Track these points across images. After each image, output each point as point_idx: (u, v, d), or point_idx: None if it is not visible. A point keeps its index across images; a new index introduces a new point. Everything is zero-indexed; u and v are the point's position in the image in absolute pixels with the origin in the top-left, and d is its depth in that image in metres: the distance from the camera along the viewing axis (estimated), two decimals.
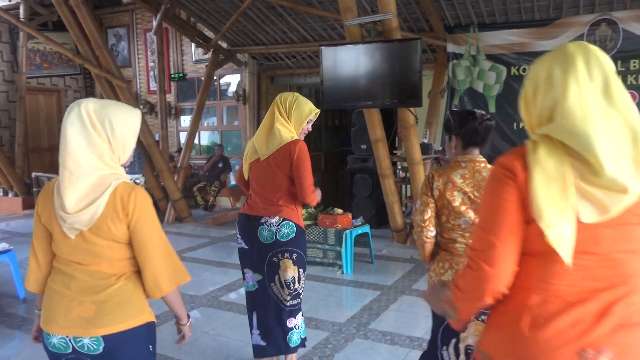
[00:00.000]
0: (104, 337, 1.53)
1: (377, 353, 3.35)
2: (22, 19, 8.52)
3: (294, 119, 2.78)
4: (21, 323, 3.98)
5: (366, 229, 5.44)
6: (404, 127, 5.67)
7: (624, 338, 1.09)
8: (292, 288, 2.81)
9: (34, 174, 8.58)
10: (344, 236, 5.10)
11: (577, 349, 1.09)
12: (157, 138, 8.23)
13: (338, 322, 3.88)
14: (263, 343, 2.91)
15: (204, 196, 8.98)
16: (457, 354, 2.18)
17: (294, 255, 2.79)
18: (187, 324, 1.78)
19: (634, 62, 5.60)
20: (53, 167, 10.20)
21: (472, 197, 2.07)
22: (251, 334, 2.97)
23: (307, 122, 2.83)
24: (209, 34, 8.56)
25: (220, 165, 9.05)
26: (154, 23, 7.91)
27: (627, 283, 1.13)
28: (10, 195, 9.41)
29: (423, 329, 3.71)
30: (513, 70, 6.28)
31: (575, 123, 1.08)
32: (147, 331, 1.65)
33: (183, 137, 9.71)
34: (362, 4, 6.06)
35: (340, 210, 5.37)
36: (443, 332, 2.24)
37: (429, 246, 2.20)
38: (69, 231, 1.53)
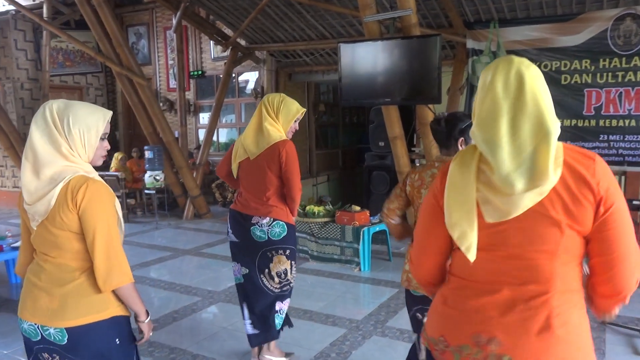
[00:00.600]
0: (67, 329, 1.60)
1: (395, 350, 3.35)
2: (45, 18, 8.68)
3: (282, 118, 2.88)
4: None
5: (384, 226, 5.42)
6: (423, 124, 5.63)
7: (517, 333, 1.17)
8: (283, 278, 2.98)
9: None
10: (361, 233, 5.09)
11: (473, 332, 1.21)
12: (176, 135, 8.33)
13: (355, 319, 3.89)
14: (256, 331, 3.03)
15: (222, 192, 9.06)
16: (420, 349, 2.25)
17: (287, 252, 2.96)
18: (145, 321, 1.76)
19: None
20: None
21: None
22: (244, 324, 3.07)
23: (295, 122, 2.95)
24: (228, 31, 8.61)
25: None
26: (174, 21, 7.99)
27: (540, 283, 1.18)
28: None
29: None
30: None
31: (483, 129, 1.19)
32: (113, 325, 1.67)
33: (202, 134, 9.79)
34: (381, 1, 6.03)
35: (357, 208, 5.37)
36: (412, 326, 2.40)
37: (393, 229, 2.42)
38: (32, 222, 1.63)
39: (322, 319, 3.90)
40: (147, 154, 7.60)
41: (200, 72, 9.61)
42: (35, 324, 1.63)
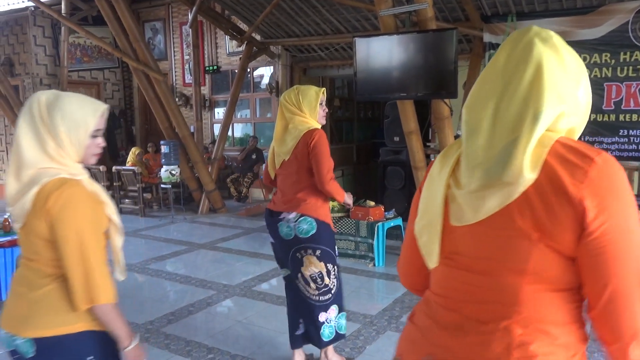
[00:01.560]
0: (35, 339, 1.44)
1: None
2: (63, 14, 8.78)
3: (306, 108, 2.75)
4: None
5: (398, 221, 5.40)
6: (438, 118, 5.58)
7: (470, 356, 0.96)
8: (320, 283, 2.76)
9: None
10: (376, 229, 5.08)
11: (426, 353, 1.03)
12: (192, 130, 8.38)
13: (370, 314, 3.89)
14: (302, 330, 2.91)
15: (237, 187, 9.11)
16: None
17: (318, 252, 2.73)
18: (129, 348, 1.50)
19: None
20: None
21: None
22: (299, 323, 2.92)
23: (320, 105, 2.78)
24: (243, 26, 8.63)
25: (254, 156, 9.14)
26: (190, 16, 8.03)
27: (503, 304, 0.94)
28: None
29: None
30: None
31: (468, 110, 1.00)
32: (85, 340, 1.49)
33: (217, 129, 9.85)
34: None
35: (372, 203, 5.35)
36: None
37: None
38: (15, 224, 1.51)
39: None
40: (163, 149, 7.67)
41: (215, 67, 9.65)
42: (9, 333, 1.48)
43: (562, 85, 0.92)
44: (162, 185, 8.03)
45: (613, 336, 0.92)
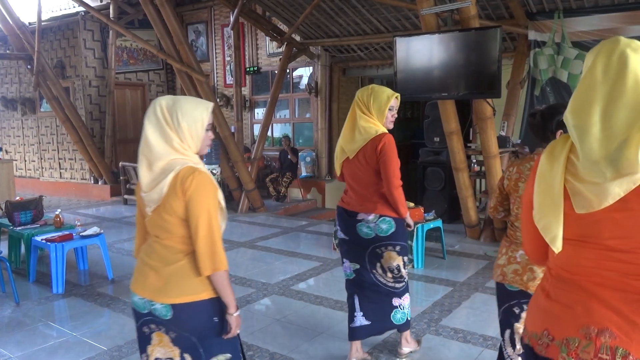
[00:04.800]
0: (172, 305, 1.73)
1: (449, 350, 3.29)
2: (111, 18, 9.11)
3: (375, 111, 2.79)
4: (110, 301, 4.29)
5: (438, 223, 5.32)
6: (481, 119, 5.47)
7: (631, 324, 1.10)
8: (396, 273, 2.93)
9: (121, 164, 9.18)
10: (415, 230, 5.02)
11: (581, 325, 1.15)
12: (232, 130, 8.52)
13: None
14: (367, 322, 2.99)
15: (275, 187, 9.20)
16: (513, 344, 2.27)
17: (397, 248, 2.90)
18: (234, 315, 1.78)
19: None
20: (137, 157, 10.82)
21: None
22: (353, 316, 3.01)
23: (389, 110, 2.82)
24: (283, 27, 8.70)
25: (289, 156, 9.20)
26: (231, 18, 8.17)
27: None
28: (100, 183, 10.13)
29: (497, 328, 3.58)
30: None
31: (575, 115, 1.13)
32: (211, 305, 1.76)
33: (257, 129, 9.97)
34: None
35: (411, 204, 5.29)
36: (500, 324, 2.35)
37: (499, 224, 2.31)
38: (148, 208, 1.77)
39: None
40: None
41: (255, 68, 9.78)
42: (144, 298, 1.78)
43: None
44: None
45: None
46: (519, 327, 2.22)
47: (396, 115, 2.91)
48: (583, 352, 1.14)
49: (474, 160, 6.72)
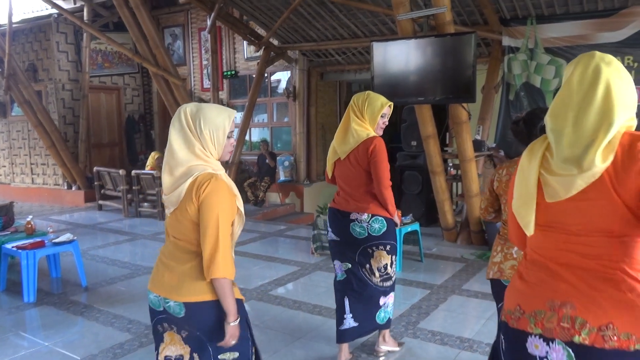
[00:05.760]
0: (184, 303, 1.79)
1: (426, 352, 3.31)
2: (85, 21, 8.96)
3: (367, 116, 2.92)
4: (83, 310, 4.20)
5: (415, 226, 5.37)
6: (456, 123, 5.54)
7: (589, 297, 1.27)
8: (383, 272, 3.01)
9: (95, 169, 9.02)
10: None
11: (547, 299, 1.32)
12: None
13: None
14: (355, 324, 3.06)
15: (254, 192, 9.14)
16: None
17: (388, 247, 3.00)
18: (232, 324, 1.78)
19: None
20: (112, 161, 10.68)
21: None
22: (343, 319, 3.07)
23: (382, 117, 2.95)
24: (261, 31, 8.69)
25: (267, 161, 9.17)
26: (208, 22, 8.13)
27: (603, 258, 1.27)
28: (73, 188, 9.93)
29: (474, 330, 3.63)
30: None
31: (553, 119, 1.32)
32: (221, 306, 1.80)
33: (235, 133, 9.89)
34: None
35: None
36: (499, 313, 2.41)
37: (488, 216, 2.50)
38: (167, 210, 1.87)
39: None
40: None
41: (233, 72, 9.74)
42: (159, 296, 1.85)
43: (625, 97, 1.26)
44: None
45: None
46: None
47: (387, 123, 3.03)
48: (548, 322, 1.30)
49: (451, 164, 6.80)
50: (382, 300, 3.07)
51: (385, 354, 3.23)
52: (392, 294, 3.12)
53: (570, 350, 1.27)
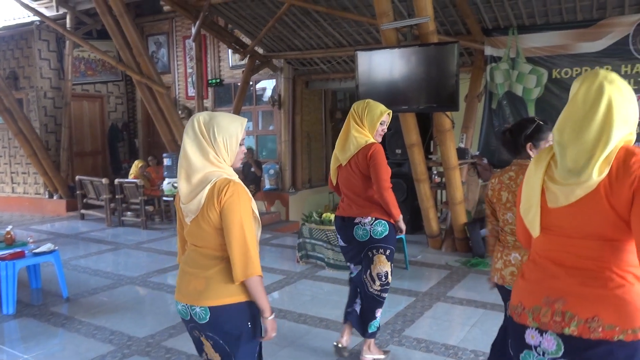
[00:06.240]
0: (210, 307, 1.83)
1: None
2: (68, 28, 8.88)
3: (367, 123, 3.03)
4: (64, 321, 4.12)
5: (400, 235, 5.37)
6: (440, 131, 5.59)
7: (578, 293, 1.41)
8: (384, 281, 3.07)
9: (77, 178, 8.89)
10: None
11: (543, 295, 1.48)
12: None
13: None
14: (358, 311, 3.22)
15: None
16: None
17: (387, 252, 3.07)
18: (269, 318, 1.88)
19: None
20: (95, 170, 10.56)
21: (515, 195, 2.32)
22: (353, 302, 3.26)
23: (381, 124, 3.06)
24: (246, 40, 8.70)
25: (252, 169, 9.15)
26: (193, 30, 8.11)
27: (595, 259, 1.41)
28: (55, 197, 9.78)
29: (459, 337, 3.64)
30: (554, 73, 6.11)
31: (559, 133, 1.45)
32: (248, 308, 1.87)
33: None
34: (398, 8, 6.03)
35: None
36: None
37: (490, 240, 2.55)
38: (186, 218, 1.89)
39: (338, 327, 3.86)
40: (166, 162, 7.68)
41: (218, 80, 9.72)
42: (186, 304, 1.89)
43: (625, 112, 1.38)
44: (165, 198, 8.04)
45: None
46: None
47: (386, 130, 3.15)
48: (543, 316, 1.46)
49: (435, 172, 6.85)
50: (378, 313, 3.15)
51: None
52: (382, 307, 3.19)
53: (560, 340, 1.43)
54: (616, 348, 1.35)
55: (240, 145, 1.91)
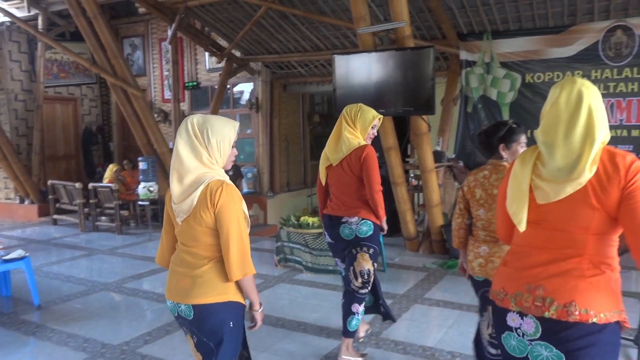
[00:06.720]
0: (193, 306, 1.91)
1: None
2: (40, 30, 8.69)
3: (359, 126, 3.16)
4: (35, 329, 4.02)
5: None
6: (417, 134, 5.64)
7: (557, 281, 1.55)
8: (365, 278, 3.18)
9: (49, 182, 8.69)
10: None
11: (525, 282, 1.62)
12: (171, 146, 8.31)
13: None
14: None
15: None
16: (488, 325, 2.59)
17: (371, 250, 3.18)
18: (259, 311, 2.03)
19: None
20: (68, 174, 10.34)
21: (487, 192, 2.49)
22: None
23: (372, 128, 3.20)
24: (223, 43, 8.64)
25: (231, 173, 9.07)
26: (169, 33, 8.02)
27: (576, 248, 1.55)
28: (26, 202, 9.54)
29: (436, 338, 3.67)
30: (527, 78, 6.23)
31: (545, 134, 1.59)
32: (230, 308, 1.94)
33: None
34: (375, 13, 6.07)
35: None
36: (479, 308, 2.69)
37: (460, 232, 2.68)
38: (177, 218, 1.94)
39: (317, 331, 3.87)
40: (141, 165, 7.57)
41: (195, 83, 9.63)
42: (174, 302, 1.97)
43: (603, 114, 1.55)
44: (140, 202, 7.91)
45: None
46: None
47: (376, 134, 3.29)
48: (525, 302, 1.60)
49: (412, 175, 6.91)
50: (354, 307, 3.22)
51: None
52: (363, 304, 3.26)
53: (539, 323, 1.57)
54: (590, 329, 1.50)
55: (232, 147, 1.96)
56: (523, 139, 2.49)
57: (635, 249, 1.50)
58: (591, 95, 1.55)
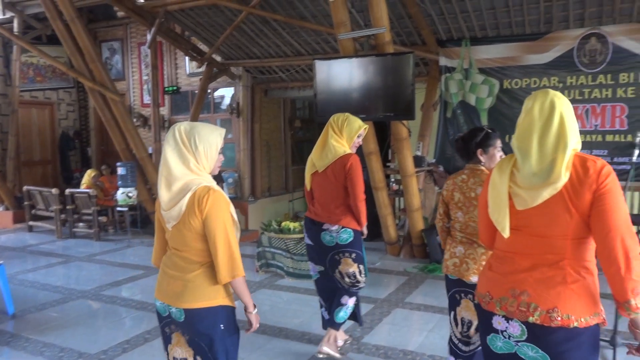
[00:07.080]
0: (184, 309, 1.95)
1: None
2: (15, 33, 8.53)
3: (345, 135, 3.23)
4: (10, 339, 3.92)
5: None
6: (397, 139, 5.68)
7: (541, 287, 1.63)
8: (353, 279, 3.28)
9: (25, 188, 8.50)
10: None
11: (510, 287, 1.69)
12: (150, 151, 8.22)
13: None
14: (328, 317, 3.44)
15: None
16: (457, 323, 2.69)
17: (353, 255, 3.26)
18: (253, 313, 2.05)
19: (623, 76, 5.67)
20: (45, 180, 10.13)
21: (465, 195, 2.58)
22: (321, 309, 3.53)
23: (358, 137, 3.28)
24: (203, 47, 8.59)
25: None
26: (148, 37, 7.94)
27: (557, 253, 1.63)
28: (1, 209, 9.32)
29: (417, 342, 3.69)
30: (505, 84, 6.33)
31: (520, 140, 1.68)
32: (220, 312, 1.97)
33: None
34: (356, 19, 6.11)
35: None
36: (448, 307, 2.78)
37: (443, 235, 2.78)
38: (167, 224, 1.98)
39: (298, 336, 3.85)
40: (120, 171, 7.46)
41: (175, 88, 9.53)
42: (164, 303, 2.02)
43: (574, 123, 1.65)
44: (118, 208, 7.80)
45: (609, 261, 1.54)
46: (460, 310, 2.66)
47: (361, 143, 3.39)
48: (510, 306, 1.67)
49: (393, 180, 6.95)
50: (344, 299, 3.32)
51: (325, 356, 3.36)
52: (353, 298, 3.37)
53: (524, 327, 1.65)
54: (571, 333, 1.59)
55: (219, 153, 2.00)
56: (499, 143, 2.58)
57: (600, 251, 1.59)
58: (563, 105, 1.64)
